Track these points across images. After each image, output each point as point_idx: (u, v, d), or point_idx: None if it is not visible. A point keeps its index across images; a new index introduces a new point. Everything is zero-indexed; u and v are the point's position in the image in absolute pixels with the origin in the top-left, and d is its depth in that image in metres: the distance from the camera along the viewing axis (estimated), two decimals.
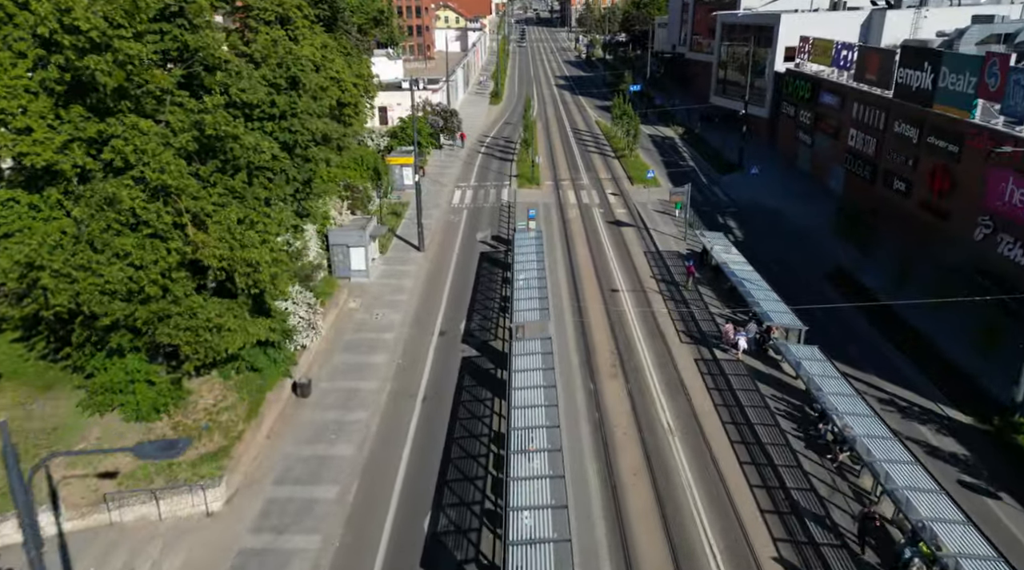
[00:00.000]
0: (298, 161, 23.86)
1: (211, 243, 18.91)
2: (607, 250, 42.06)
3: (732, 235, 44.26)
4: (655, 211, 49.22)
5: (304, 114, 23.89)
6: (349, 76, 42.55)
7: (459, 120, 66.29)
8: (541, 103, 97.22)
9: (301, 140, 23.80)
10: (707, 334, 31.88)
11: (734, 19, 71.75)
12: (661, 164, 62.48)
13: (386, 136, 56.93)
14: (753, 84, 69.00)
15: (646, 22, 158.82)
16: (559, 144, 71.59)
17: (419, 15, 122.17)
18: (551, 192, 54.62)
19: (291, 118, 23.32)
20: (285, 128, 23.33)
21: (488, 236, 44.90)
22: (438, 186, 55.65)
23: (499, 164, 63.20)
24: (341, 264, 36.78)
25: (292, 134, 23.39)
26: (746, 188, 53.76)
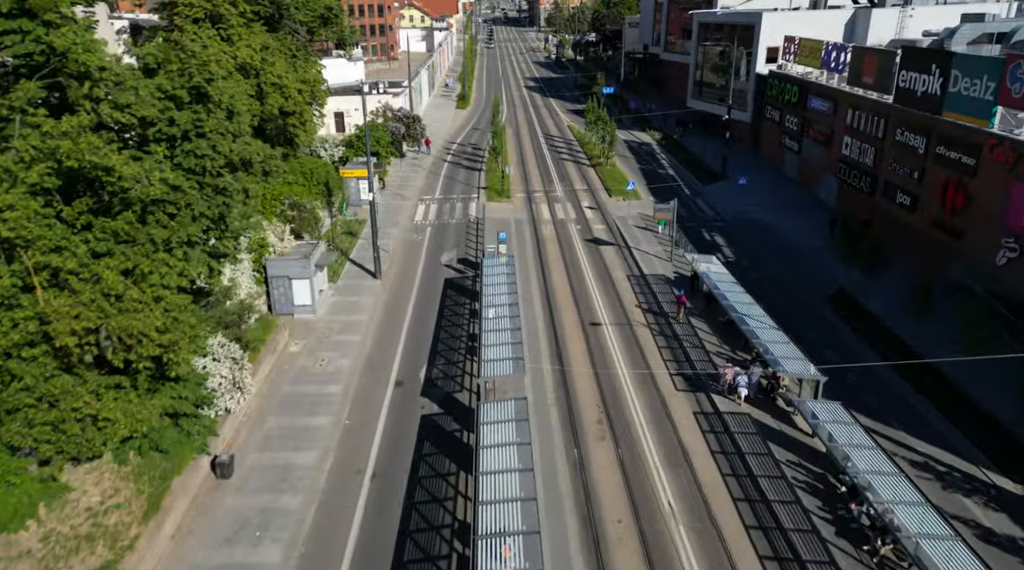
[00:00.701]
0: (208, 192, 19.17)
1: (71, 311, 14.15)
2: (586, 274, 37.78)
3: (721, 254, 40.32)
4: (636, 227, 45.11)
5: (215, 134, 19.18)
6: (293, 81, 37.63)
7: (422, 126, 61.57)
8: (511, 107, 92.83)
9: (211, 166, 19.10)
10: (704, 378, 27.76)
11: (712, 18, 68.17)
12: (639, 173, 58.50)
13: (341, 145, 52.02)
14: (734, 87, 65.45)
15: (616, 21, 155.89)
16: (530, 151, 67.25)
17: (382, 14, 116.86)
18: (523, 206, 50.20)
19: (197, 139, 18.60)
20: (189, 152, 18.59)
21: (454, 259, 40.31)
22: (400, 200, 50.88)
23: (466, 174, 58.61)
24: (282, 299, 31.91)
25: (199, 159, 18.67)
26: (732, 199, 49.99)
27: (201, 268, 19.19)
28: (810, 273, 37.25)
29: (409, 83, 66.66)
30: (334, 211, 44.33)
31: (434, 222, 46.83)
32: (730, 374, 26.99)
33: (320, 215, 40.48)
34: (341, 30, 44.19)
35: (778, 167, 56.14)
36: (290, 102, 37.29)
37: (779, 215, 46.42)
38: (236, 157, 20.58)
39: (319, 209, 40.86)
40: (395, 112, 60.83)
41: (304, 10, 40.46)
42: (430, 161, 62.63)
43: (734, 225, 45.37)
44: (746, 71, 62.57)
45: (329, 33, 43.48)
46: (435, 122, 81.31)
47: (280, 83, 36.85)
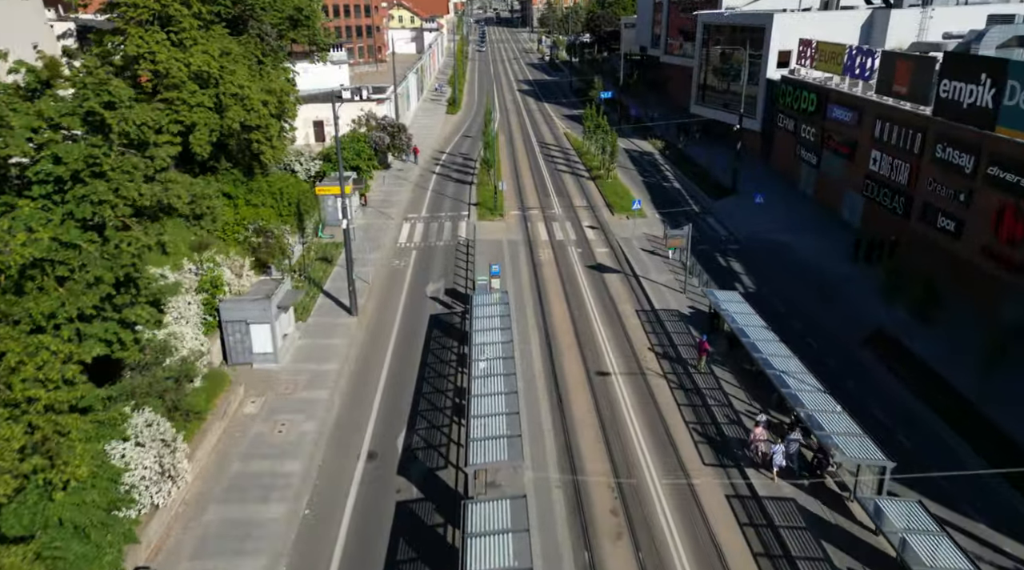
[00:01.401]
0: (111, 249, 14.79)
1: None
2: (590, 309, 33.43)
3: (740, 283, 36.10)
4: (643, 250, 40.80)
5: (118, 173, 14.79)
6: (257, 91, 33.13)
7: (408, 136, 57.11)
8: (503, 112, 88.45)
9: (113, 216, 14.72)
10: (734, 444, 23.49)
11: (718, 19, 64.02)
12: (642, 186, 54.23)
13: (319, 159, 47.51)
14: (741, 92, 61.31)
15: (611, 22, 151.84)
16: (525, 162, 62.88)
17: (368, 14, 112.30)
18: (518, 225, 45.81)
19: (93, 181, 14.25)
20: (83, 197, 14.20)
21: (441, 289, 35.91)
22: (382, 218, 46.41)
23: (456, 188, 54.19)
24: (238, 347, 27.42)
25: (96, 206, 14.31)
26: (745, 217, 45.77)
27: (98, 349, 14.74)
28: (841, 305, 33.01)
29: (395, 89, 62.21)
30: (306, 236, 39.77)
31: (420, 245, 42.37)
32: (761, 436, 22.81)
33: (290, 242, 35.97)
34: (313, 33, 39.59)
35: (792, 180, 51.97)
36: (253, 115, 32.78)
37: (798, 235, 42.21)
38: (150, 202, 16.12)
39: (289, 234, 36.35)
40: (379, 121, 56.38)
41: (271, 11, 36.02)
42: (417, 173, 58.19)
43: (750, 247, 41.11)
44: (755, 76, 58.46)
45: (299, 36, 38.88)
46: (424, 129, 76.92)
47: (241, 94, 32.35)
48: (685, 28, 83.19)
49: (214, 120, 32.78)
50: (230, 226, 34.38)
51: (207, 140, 32.74)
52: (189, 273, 27.50)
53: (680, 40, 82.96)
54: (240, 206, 35.18)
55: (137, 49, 30.19)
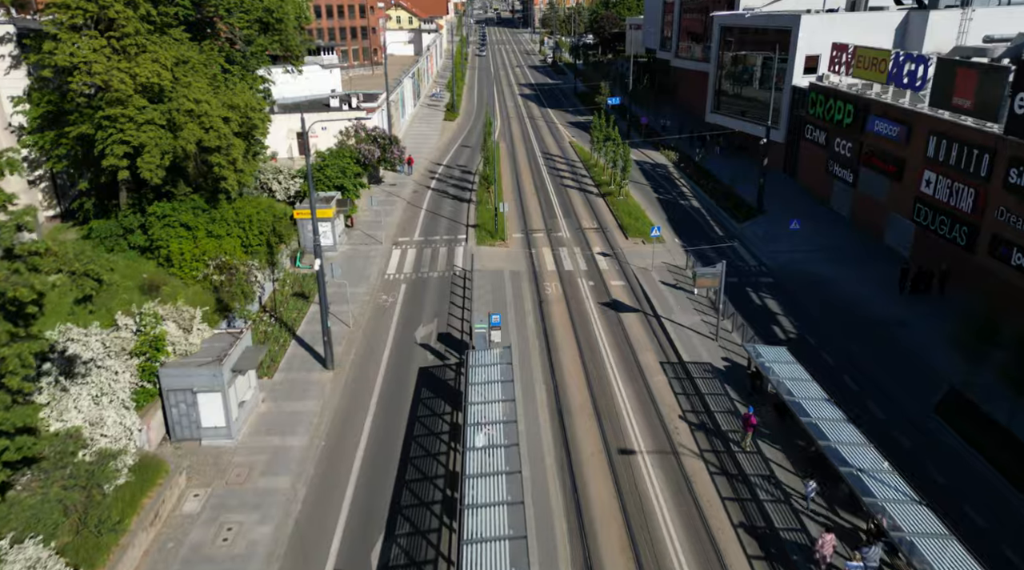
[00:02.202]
0: None
1: None
2: (607, 360, 28.58)
3: (778, 326, 31.27)
4: (663, 283, 35.97)
5: None
6: (218, 107, 28.31)
7: (401, 149, 52.25)
8: (504, 119, 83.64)
9: None
10: (793, 550, 18.68)
11: (737, 21, 59.19)
12: (657, 204, 49.40)
13: (299, 176, 42.70)
14: (762, 100, 56.56)
15: (616, 23, 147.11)
16: (528, 176, 58.02)
17: (363, 15, 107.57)
18: (520, 252, 40.96)
19: None
20: None
21: (433, 334, 31.09)
22: (370, 243, 41.58)
23: (453, 206, 49.35)
24: (184, 421, 22.61)
25: None
26: (775, 242, 40.93)
27: None
28: (900, 355, 28.14)
29: (387, 97, 57.38)
30: (278, 270, 34.89)
31: (410, 276, 37.52)
32: (830, 545, 18.02)
33: (258, 278, 31.16)
34: (286, 38, 34.70)
35: (822, 198, 47.13)
36: (212, 134, 27.96)
37: (837, 265, 37.36)
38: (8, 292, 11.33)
39: (258, 269, 31.53)
40: (369, 132, 51.58)
41: (237, 12, 31.18)
42: (411, 189, 53.36)
43: (784, 280, 36.25)
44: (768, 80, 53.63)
45: (269, 42, 34.02)
46: (420, 137, 72.18)
47: (198, 110, 27.53)
48: (693, 30, 78.54)
49: (166, 140, 28.00)
50: (187, 262, 29.58)
51: (158, 164, 27.97)
52: (125, 330, 22.68)
53: (688, 43, 78.22)
54: (200, 238, 30.36)
55: (70, 58, 25.40)
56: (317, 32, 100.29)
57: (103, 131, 27.54)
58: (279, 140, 52.76)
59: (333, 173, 41.58)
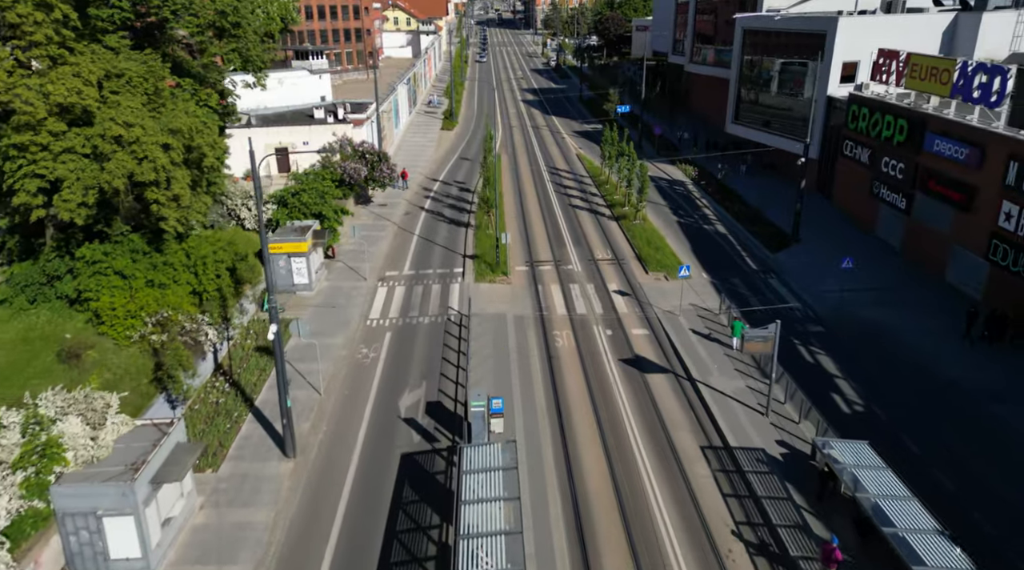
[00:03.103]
0: None
1: None
2: (635, 447, 23.11)
3: (839, 394, 25.86)
4: (693, 332, 30.57)
5: None
6: (155, 131, 22.94)
7: (391, 167, 46.83)
8: (506, 128, 78.26)
9: None
10: None
11: (764, 24, 53.81)
12: (678, 230, 44.00)
13: (272, 202, 37.28)
14: (789, 110, 51.22)
15: (622, 24, 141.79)
16: (532, 194, 52.60)
17: (358, 16, 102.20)
18: (526, 289, 35.55)
19: None
20: None
21: (420, 403, 25.69)
22: (352, 279, 36.20)
23: (449, 231, 43.94)
24: (86, 552, 17.22)
25: None
26: (817, 279, 35.53)
27: None
28: (996, 439, 22.71)
29: (377, 107, 51.91)
30: (231, 329, 29.45)
31: (397, 322, 32.13)
32: None
33: (210, 337, 25.76)
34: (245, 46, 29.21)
35: (865, 224, 41.70)
36: (147, 166, 22.58)
37: (893, 309, 31.95)
38: None
39: (210, 324, 26.14)
40: (356, 147, 46.20)
41: (185, 15, 25.73)
42: (402, 209, 47.97)
43: (837, 329, 30.83)
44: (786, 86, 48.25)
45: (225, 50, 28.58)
46: (415, 149, 66.85)
47: (128, 137, 22.18)
48: (704, 32, 73.16)
49: (91, 173, 22.64)
50: (119, 319, 24.21)
51: (80, 201, 22.62)
52: (8, 432, 17.27)
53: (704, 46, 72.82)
54: (138, 289, 24.99)
55: None
56: (308, 34, 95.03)
57: (11, 162, 22.21)
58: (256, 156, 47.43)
59: (311, 199, 36.18)
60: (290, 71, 69.25)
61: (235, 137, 46.59)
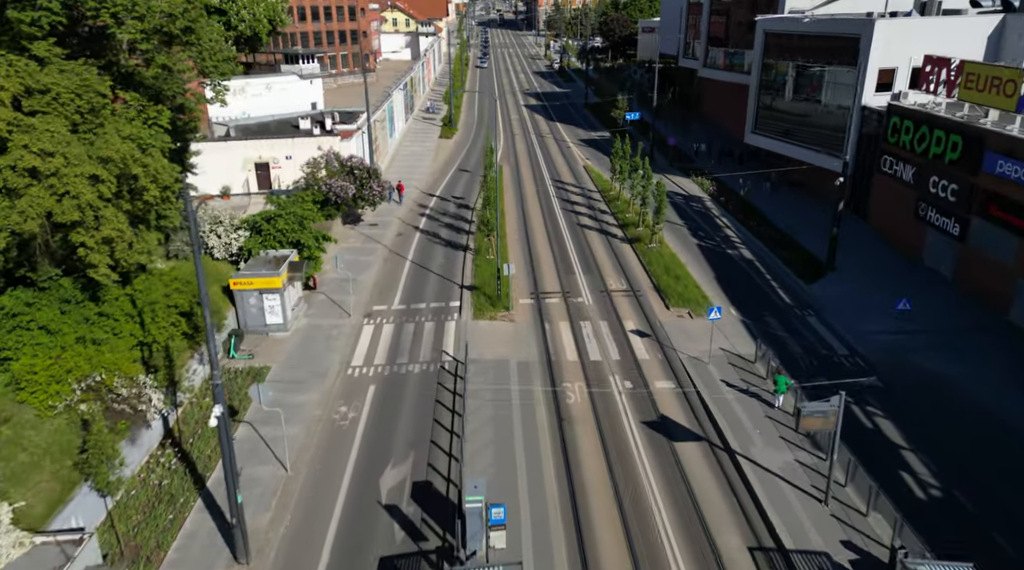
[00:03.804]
0: None
1: None
2: (672, 557, 18.88)
3: (910, 473, 21.59)
4: (727, 385, 26.29)
5: None
6: (82, 160, 18.73)
7: (381, 185, 42.52)
8: (508, 136, 74.03)
9: None
10: None
11: (789, 27, 49.55)
12: (699, 254, 39.74)
13: (245, 228, 33.02)
14: (817, 120, 46.96)
15: (627, 25, 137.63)
16: (537, 212, 48.30)
17: (354, 17, 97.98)
18: (530, 327, 31.26)
19: None
20: None
21: (406, 482, 21.42)
22: (335, 315, 31.97)
23: (445, 256, 39.70)
24: None
25: None
26: (860, 316, 31.25)
27: None
28: None
29: (368, 118, 47.63)
30: (173, 395, 25.08)
31: (383, 371, 27.87)
32: None
33: (154, 404, 21.54)
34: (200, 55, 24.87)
35: (908, 249, 37.44)
36: (68, 204, 18.38)
37: (954, 356, 27.66)
38: None
39: (154, 388, 21.92)
40: (344, 162, 41.99)
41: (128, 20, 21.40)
42: (395, 230, 43.73)
43: (892, 381, 26.55)
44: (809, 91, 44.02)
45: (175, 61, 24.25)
46: (411, 159, 62.69)
47: (45, 169, 17.99)
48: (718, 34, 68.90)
49: (1, 211, 18.44)
50: (41, 385, 20.00)
51: None
52: None
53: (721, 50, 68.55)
54: (69, 346, 20.78)
55: None
56: (300, 37, 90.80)
57: None
58: (233, 172, 43.32)
59: (287, 225, 31.93)
60: (279, 76, 65.13)
61: (210, 152, 42.58)
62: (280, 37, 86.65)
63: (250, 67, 71.70)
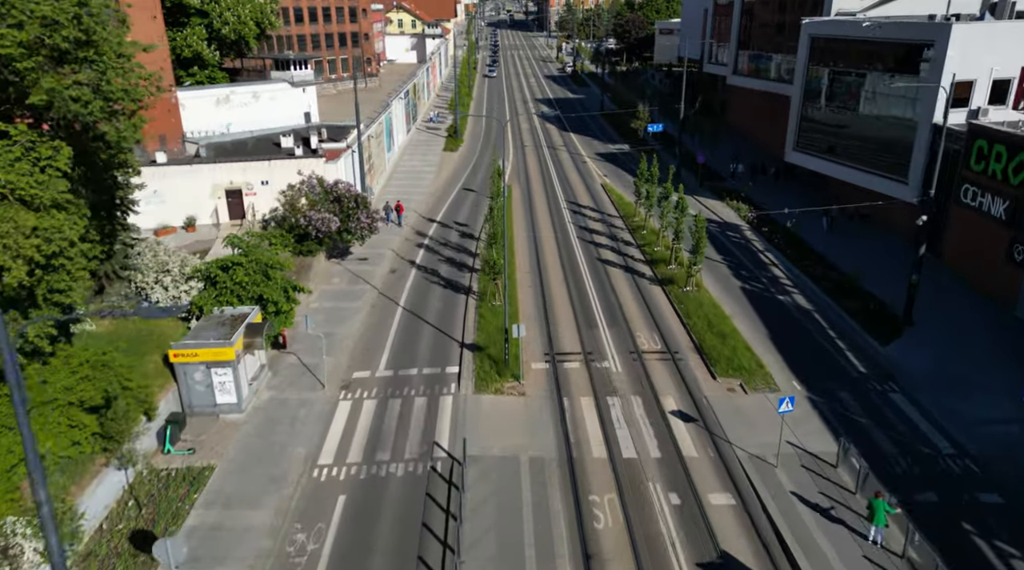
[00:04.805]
0: None
1: None
2: None
3: None
4: (802, 501, 20.17)
5: None
6: None
7: (371, 217, 36.44)
8: (518, 148, 67.98)
9: None
10: None
11: (840, 30, 43.27)
12: (743, 300, 33.52)
13: (199, 278, 27.07)
14: (878, 138, 40.71)
15: (643, 26, 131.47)
16: (551, 243, 42.06)
17: (354, 19, 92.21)
18: (545, 405, 25.14)
19: None
20: None
21: None
22: (304, 388, 26.03)
23: (443, 301, 33.64)
24: None
25: None
26: (959, 395, 24.99)
27: None
28: None
29: (359, 136, 41.54)
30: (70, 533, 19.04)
31: (358, 473, 21.84)
32: None
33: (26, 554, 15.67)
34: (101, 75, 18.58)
35: (998, 296, 31.14)
36: None
37: None
38: None
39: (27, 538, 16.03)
40: (329, 189, 36.07)
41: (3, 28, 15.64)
42: (387, 266, 37.73)
43: (1016, 493, 20.39)
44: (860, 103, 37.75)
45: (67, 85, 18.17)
46: (411, 176, 56.91)
47: None
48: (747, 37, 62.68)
49: None
50: None
51: None
52: None
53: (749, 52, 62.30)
54: None
55: None
56: (297, 40, 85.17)
57: None
58: (201, 200, 37.51)
59: (249, 277, 25.97)
60: (268, 83, 59.52)
61: (173, 176, 36.85)
62: (275, 40, 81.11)
63: (237, 74, 66.12)
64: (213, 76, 58.10)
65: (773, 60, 57.61)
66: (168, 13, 54.98)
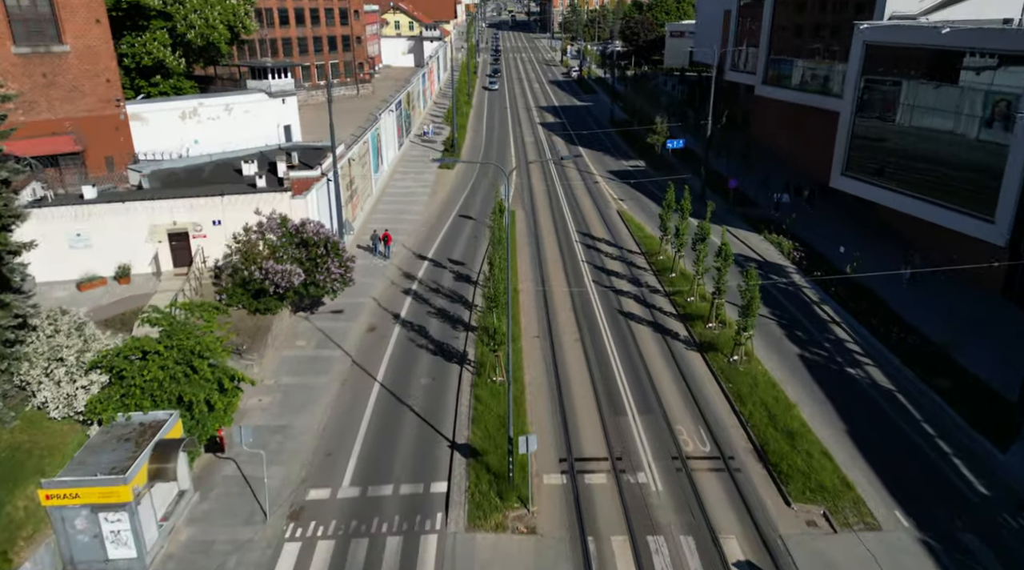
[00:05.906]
0: None
1: None
2: None
3: None
4: None
5: None
6: None
7: (345, 261, 29.80)
8: (522, 162, 61.28)
9: None
10: None
11: (906, 38, 36.59)
12: (802, 371, 26.85)
13: (105, 367, 20.44)
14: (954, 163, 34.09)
15: (652, 28, 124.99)
16: (563, 289, 35.12)
17: (346, 21, 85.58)
18: (563, 552, 18.39)
19: None
20: None
21: None
22: (241, 521, 19.35)
23: (432, 374, 26.83)
24: None
25: None
26: None
27: None
28: None
29: (333, 162, 34.65)
30: None
31: None
32: None
33: None
34: None
35: None
36: None
37: None
38: None
39: None
40: (294, 231, 29.42)
41: None
42: (364, 322, 31.09)
43: None
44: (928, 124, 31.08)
45: None
46: (402, 199, 50.35)
47: None
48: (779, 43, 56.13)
49: None
50: None
51: None
52: None
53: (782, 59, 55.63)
54: None
55: None
56: (283, 43, 78.56)
57: None
58: (137, 245, 30.87)
59: (167, 370, 19.37)
60: (242, 94, 52.96)
61: (101, 216, 30.27)
62: (257, 45, 74.57)
63: (209, 83, 59.51)
64: (179, 86, 51.53)
65: (819, 69, 50.89)
66: (125, 15, 48.47)
